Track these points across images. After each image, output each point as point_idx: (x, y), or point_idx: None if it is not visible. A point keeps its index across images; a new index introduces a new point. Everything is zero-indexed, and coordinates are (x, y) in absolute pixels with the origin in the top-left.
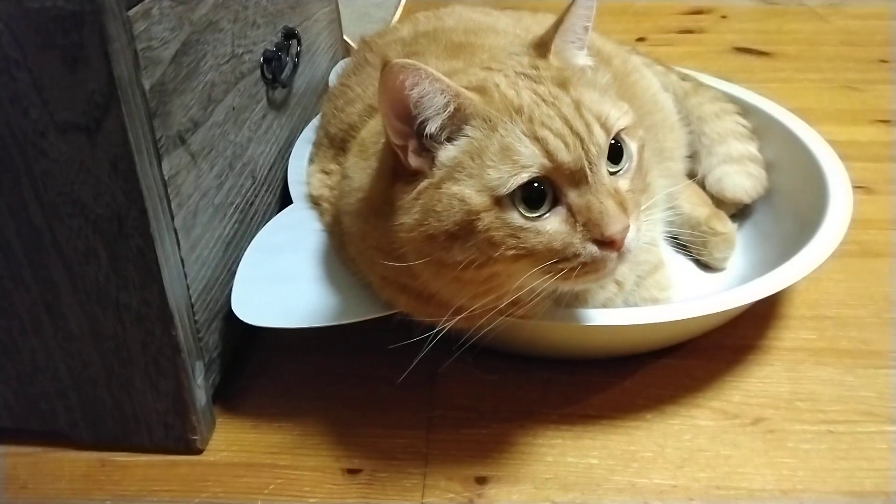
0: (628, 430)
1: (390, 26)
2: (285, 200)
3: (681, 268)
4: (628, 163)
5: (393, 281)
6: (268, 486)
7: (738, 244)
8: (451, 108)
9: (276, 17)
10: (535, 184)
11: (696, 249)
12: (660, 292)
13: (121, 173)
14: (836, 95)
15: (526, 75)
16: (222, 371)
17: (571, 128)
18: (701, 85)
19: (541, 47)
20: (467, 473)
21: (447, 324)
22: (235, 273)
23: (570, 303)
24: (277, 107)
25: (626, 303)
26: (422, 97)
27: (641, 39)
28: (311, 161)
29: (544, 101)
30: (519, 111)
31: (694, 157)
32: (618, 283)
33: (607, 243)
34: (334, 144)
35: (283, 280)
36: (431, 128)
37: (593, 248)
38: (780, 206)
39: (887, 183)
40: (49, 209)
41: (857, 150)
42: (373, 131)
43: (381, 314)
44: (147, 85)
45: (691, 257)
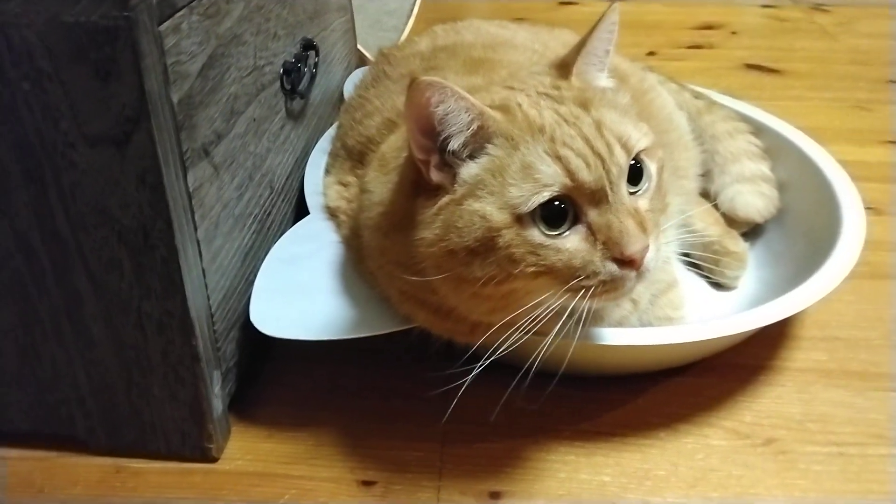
0: (641, 447)
1: (409, 39)
2: (301, 210)
3: (692, 286)
4: (648, 182)
5: (412, 295)
6: (283, 496)
7: (749, 263)
8: (474, 126)
9: (296, 28)
10: (556, 202)
11: (708, 268)
12: (673, 311)
13: (148, 185)
14: (845, 115)
15: (548, 95)
16: (238, 380)
17: (592, 148)
18: (714, 103)
19: (563, 68)
20: (481, 488)
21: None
22: (253, 283)
23: (586, 320)
24: (295, 117)
25: (641, 321)
26: (447, 114)
27: (652, 53)
28: (327, 172)
29: (566, 121)
30: (541, 130)
31: (707, 175)
32: (633, 301)
33: (627, 262)
34: (352, 156)
35: (300, 291)
36: (454, 144)
37: (613, 267)
38: (792, 226)
39: None
40: (76, 219)
41: (867, 171)
42: (393, 146)
43: (400, 328)
44: (175, 98)
45: (703, 276)
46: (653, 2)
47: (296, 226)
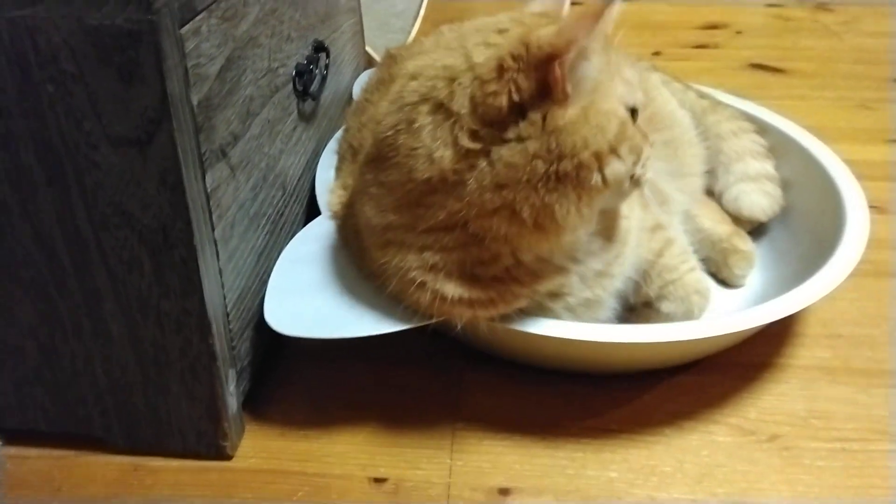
0: (648, 444)
1: (416, 40)
2: (312, 210)
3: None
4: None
5: (434, 266)
6: (296, 493)
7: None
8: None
9: (308, 30)
10: None
11: (715, 266)
12: (671, 273)
13: (169, 186)
14: (849, 114)
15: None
16: (252, 379)
17: None
18: (719, 103)
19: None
20: (491, 484)
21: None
22: (267, 283)
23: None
24: (307, 118)
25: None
26: None
27: (658, 53)
28: (336, 175)
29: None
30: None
31: (711, 173)
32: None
33: None
34: (357, 158)
35: (313, 291)
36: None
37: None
38: (797, 224)
39: None
40: (97, 219)
41: (870, 170)
42: None
43: (412, 326)
44: (195, 100)
45: (710, 273)
46: (658, 1)
47: (308, 226)
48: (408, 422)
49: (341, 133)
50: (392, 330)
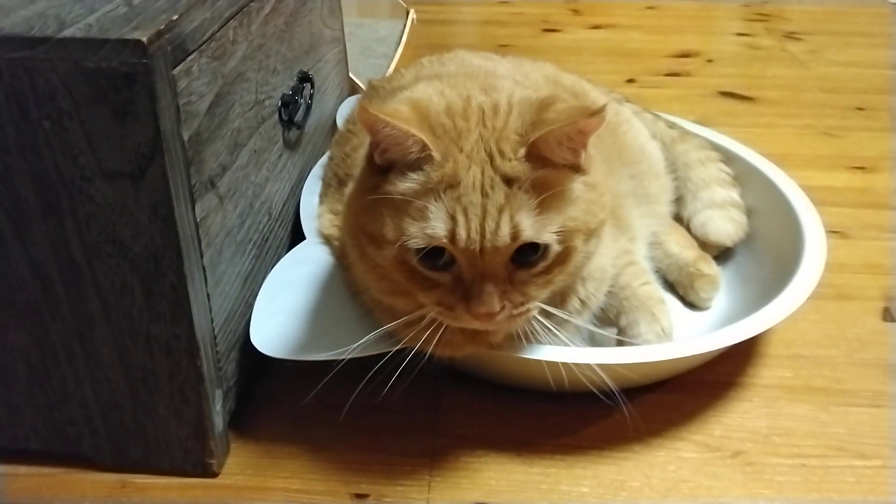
0: (617, 460)
1: (396, 71)
2: (296, 234)
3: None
4: (542, 262)
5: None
6: None
7: (721, 285)
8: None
9: (293, 62)
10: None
11: (682, 289)
12: (635, 280)
13: (160, 217)
14: (815, 141)
15: (490, 156)
16: (237, 398)
17: (483, 223)
18: (687, 133)
19: (530, 130)
20: (468, 499)
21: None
22: (252, 306)
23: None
24: (292, 146)
25: (609, 309)
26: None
27: (631, 81)
28: (321, 200)
29: (482, 188)
30: (454, 187)
31: (680, 201)
32: (581, 301)
33: (475, 316)
34: (342, 187)
35: (297, 313)
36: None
37: (462, 310)
38: (760, 249)
39: (862, 228)
40: (90, 248)
41: (834, 196)
42: None
43: (392, 349)
44: (186, 136)
45: (678, 296)
46: (633, 30)
47: (293, 250)
48: (388, 439)
49: (326, 160)
50: (372, 353)
